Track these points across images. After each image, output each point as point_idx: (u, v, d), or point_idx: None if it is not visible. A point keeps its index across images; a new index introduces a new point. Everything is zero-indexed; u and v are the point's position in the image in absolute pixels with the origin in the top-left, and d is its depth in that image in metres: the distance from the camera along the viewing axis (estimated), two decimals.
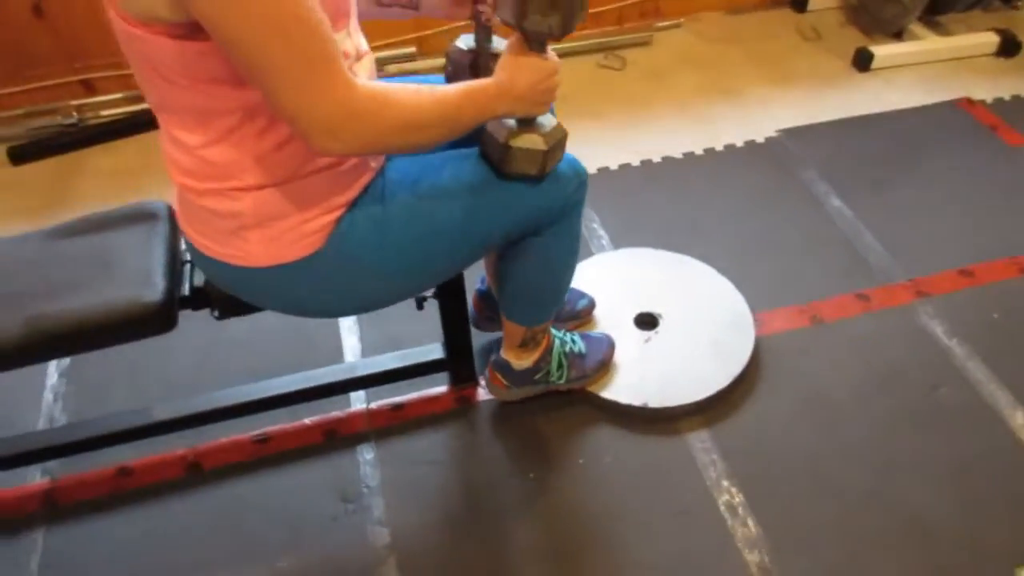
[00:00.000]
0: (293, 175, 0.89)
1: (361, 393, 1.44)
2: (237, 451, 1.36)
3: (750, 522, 1.24)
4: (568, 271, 1.18)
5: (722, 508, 1.26)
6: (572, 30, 0.91)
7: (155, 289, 1.03)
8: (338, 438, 1.38)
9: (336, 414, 1.42)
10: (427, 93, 0.85)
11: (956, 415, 1.37)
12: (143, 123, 2.07)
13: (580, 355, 1.37)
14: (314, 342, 1.54)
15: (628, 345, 1.45)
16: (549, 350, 1.32)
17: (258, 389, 1.36)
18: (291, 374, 1.38)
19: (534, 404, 1.40)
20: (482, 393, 1.43)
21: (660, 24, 2.38)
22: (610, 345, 1.41)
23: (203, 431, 1.35)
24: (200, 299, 1.10)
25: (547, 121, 0.99)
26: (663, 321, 1.50)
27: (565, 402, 1.40)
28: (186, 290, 1.10)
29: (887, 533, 1.22)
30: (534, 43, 0.92)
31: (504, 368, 1.32)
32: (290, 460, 1.35)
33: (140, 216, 1.14)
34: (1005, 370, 1.43)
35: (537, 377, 1.34)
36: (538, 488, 1.30)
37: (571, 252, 1.16)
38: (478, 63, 1.08)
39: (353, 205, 0.94)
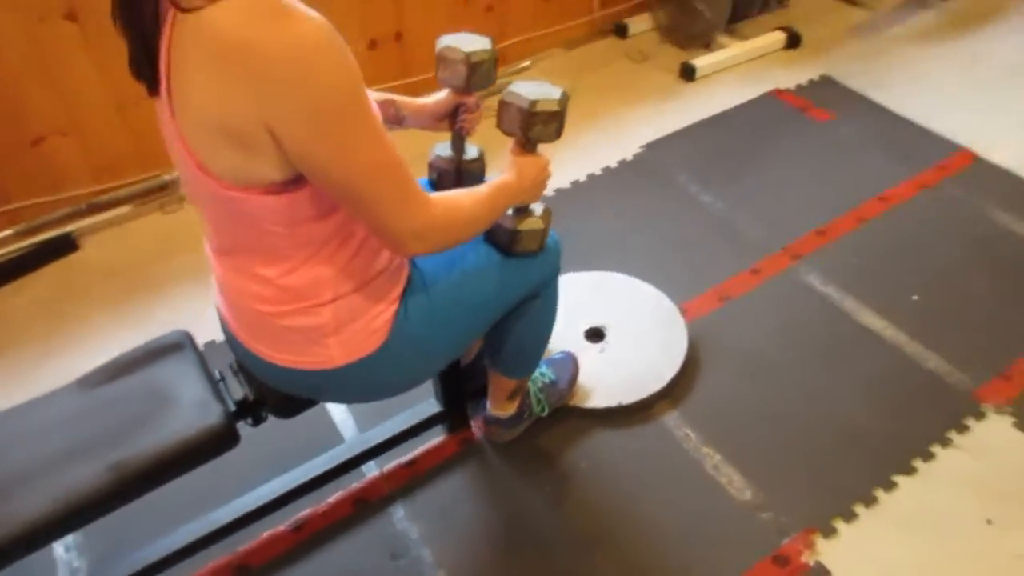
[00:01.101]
0: (360, 283, 1.04)
1: (371, 460, 1.57)
2: (278, 544, 1.45)
3: (732, 472, 1.51)
4: (553, 323, 1.40)
5: (709, 469, 1.52)
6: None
7: (216, 411, 1.13)
8: (367, 505, 1.50)
9: (356, 485, 1.53)
10: (473, 195, 1.04)
11: (849, 342, 1.73)
12: (47, 253, 2.06)
13: (552, 383, 1.58)
14: (310, 427, 1.63)
15: (586, 358, 1.68)
16: (527, 393, 1.53)
17: (280, 484, 1.45)
18: (302, 463, 1.48)
19: (529, 430, 1.59)
20: (479, 430, 1.61)
21: (511, 69, 2.65)
22: (573, 361, 1.64)
23: (236, 536, 1.43)
24: (250, 409, 1.20)
25: (537, 206, 1.20)
26: (609, 331, 1.74)
27: (554, 421, 1.61)
28: (231, 405, 1.19)
29: (830, 442, 1.54)
30: (530, 145, 1.13)
31: (496, 421, 1.52)
32: (331, 537, 1.46)
33: (167, 349, 1.22)
34: (871, 299, 1.81)
35: (524, 416, 1.54)
36: (557, 497, 1.49)
37: (555, 308, 1.37)
38: (460, 169, 1.27)
39: (404, 297, 1.10)
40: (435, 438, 1.60)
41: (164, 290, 1.99)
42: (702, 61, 2.58)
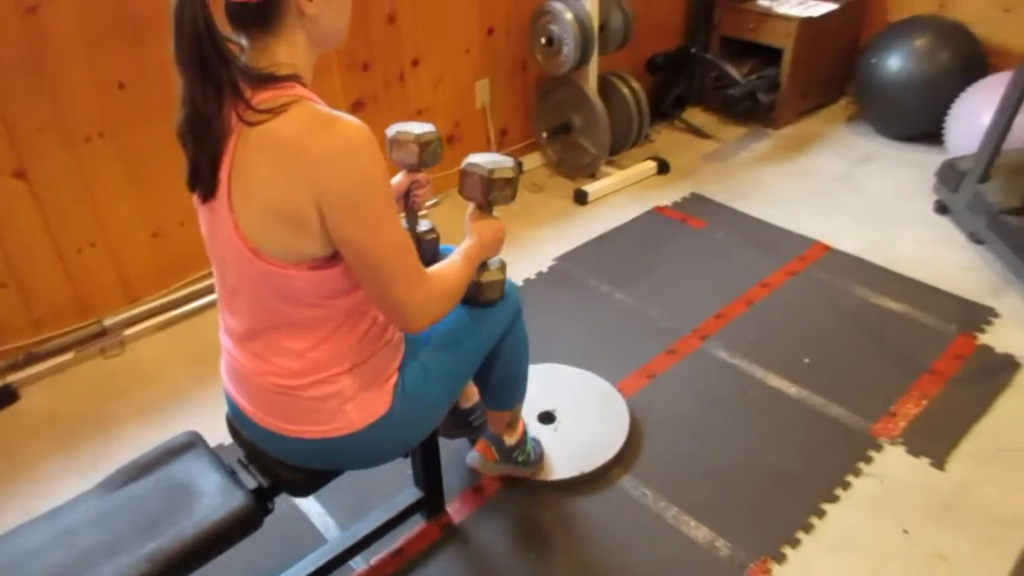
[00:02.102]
0: (371, 353, 1.20)
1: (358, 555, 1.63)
2: None
3: (690, 519, 1.69)
4: (528, 354, 1.58)
5: (669, 520, 1.69)
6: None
7: (239, 495, 1.21)
8: None
9: None
10: (452, 266, 1.23)
11: (762, 401, 2.00)
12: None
13: (536, 441, 1.77)
14: (290, 530, 1.68)
15: (544, 437, 1.85)
16: (525, 432, 1.70)
17: None
18: (288, 567, 1.52)
19: (503, 508, 1.72)
20: (455, 515, 1.71)
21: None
22: (537, 442, 1.81)
23: None
24: (265, 497, 1.28)
25: (494, 260, 1.40)
26: (559, 413, 1.93)
27: (525, 496, 1.74)
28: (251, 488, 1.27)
29: (765, 483, 1.76)
30: (488, 208, 1.36)
31: (497, 442, 1.67)
32: None
33: (179, 448, 1.29)
34: (772, 365, 2.11)
35: (515, 455, 1.69)
36: (540, 563, 1.61)
37: (526, 340, 1.56)
38: (418, 241, 1.47)
39: (402, 364, 1.26)
40: (412, 526, 1.69)
41: (115, 430, 2.00)
42: (591, 188, 2.97)
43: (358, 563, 1.62)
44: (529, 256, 2.66)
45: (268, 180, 1.01)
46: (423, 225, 1.50)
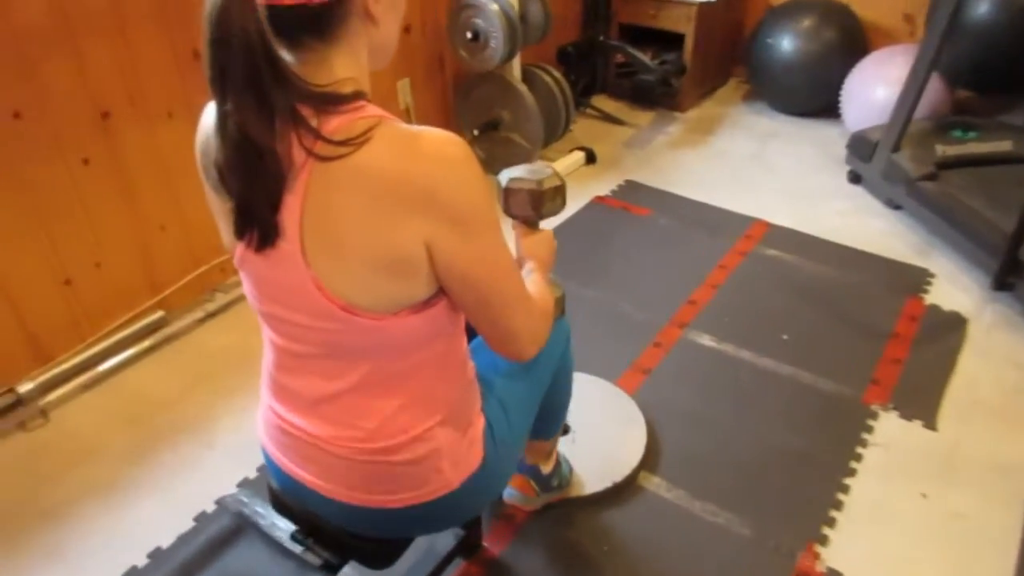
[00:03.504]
0: (459, 397, 1.06)
1: None
2: None
3: (728, 514, 1.66)
4: (572, 380, 1.48)
5: (708, 518, 1.66)
6: None
7: None
8: None
9: None
10: (536, 285, 1.11)
11: (757, 383, 2.02)
12: None
13: (564, 460, 1.67)
14: None
15: (564, 450, 1.76)
16: (557, 455, 1.61)
17: None
18: None
19: (539, 533, 1.62)
20: (492, 548, 1.59)
21: None
22: (564, 457, 1.72)
23: None
24: (335, 569, 1.11)
25: (550, 276, 1.29)
26: (572, 422, 1.84)
27: (560, 516, 1.65)
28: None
29: (786, 466, 1.77)
30: (535, 224, 1.25)
31: (535, 474, 1.56)
32: None
33: (226, 535, 1.09)
34: (755, 346, 2.14)
35: (553, 482, 1.60)
36: None
37: (572, 365, 1.45)
38: None
39: (483, 406, 1.13)
40: (455, 567, 1.56)
41: (65, 515, 1.71)
42: None
43: None
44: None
45: (366, 225, 0.85)
46: None
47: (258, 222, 0.88)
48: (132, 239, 2.13)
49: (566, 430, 1.83)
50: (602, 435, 1.82)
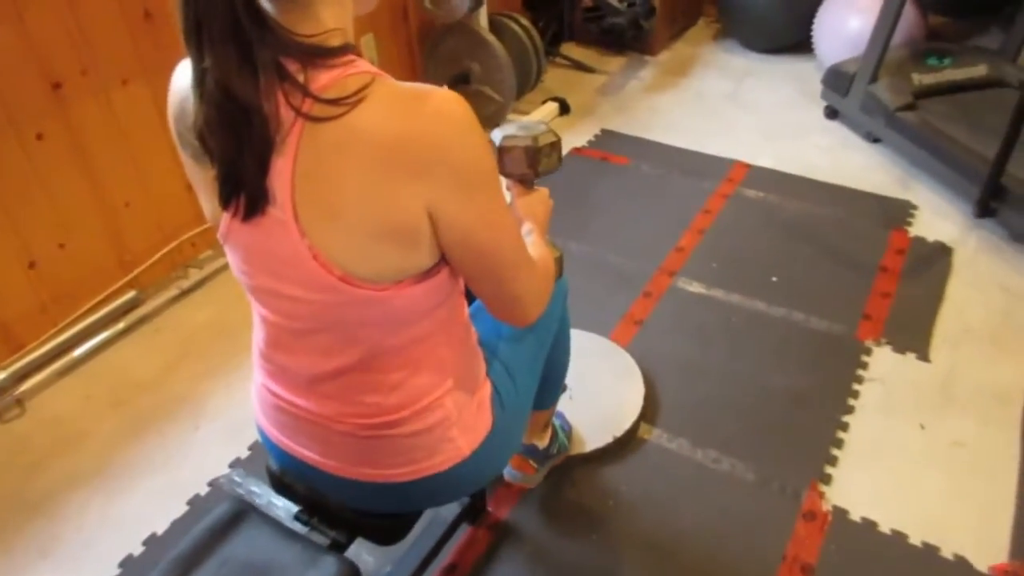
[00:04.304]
0: (468, 361, 1.02)
1: None
2: None
3: (731, 460, 1.66)
4: (570, 345, 1.44)
5: (711, 465, 1.65)
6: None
7: (331, 560, 1.00)
8: None
9: None
10: (535, 246, 1.05)
11: (749, 326, 2.00)
12: None
13: (562, 426, 1.64)
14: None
15: (562, 407, 1.73)
16: (552, 424, 1.57)
17: None
18: None
19: (545, 494, 1.60)
20: (499, 513, 1.57)
21: None
22: (562, 414, 1.69)
23: None
24: (343, 548, 1.08)
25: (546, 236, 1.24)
26: (568, 379, 1.81)
27: (563, 476, 1.63)
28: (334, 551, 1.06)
29: (782, 407, 1.77)
30: (530, 182, 1.19)
31: (532, 452, 1.53)
32: None
33: (228, 521, 1.05)
34: (745, 289, 2.12)
35: (552, 451, 1.57)
36: (605, 538, 1.52)
37: (569, 329, 1.42)
38: None
39: (488, 370, 1.09)
40: (461, 534, 1.53)
41: (53, 507, 1.65)
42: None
43: None
44: None
45: (364, 191, 0.79)
46: None
47: (245, 188, 0.81)
48: (96, 217, 2.03)
49: (564, 387, 1.80)
50: (599, 390, 1.79)
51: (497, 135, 1.17)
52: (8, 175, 1.81)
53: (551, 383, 1.41)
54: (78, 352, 2.01)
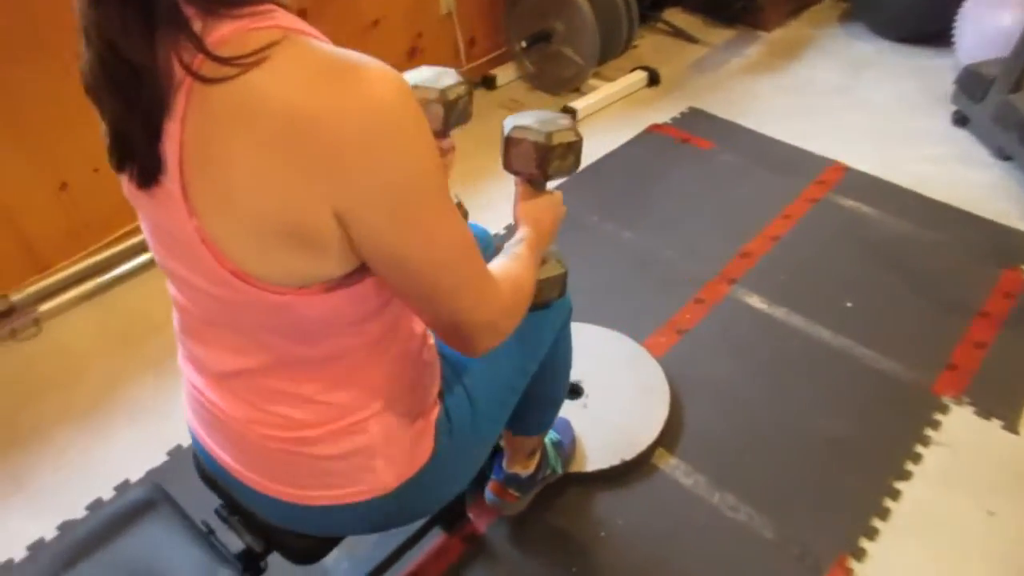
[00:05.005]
0: (407, 384, 0.86)
1: None
2: None
3: (750, 510, 1.45)
4: (571, 366, 1.27)
5: (727, 512, 1.45)
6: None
7: (226, 573, 0.89)
8: None
9: None
10: (517, 261, 0.88)
11: (805, 356, 1.76)
12: None
13: (559, 442, 1.46)
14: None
15: (572, 415, 1.56)
16: (544, 448, 1.39)
17: None
18: None
19: (533, 509, 1.44)
20: (478, 523, 1.43)
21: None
22: (567, 424, 1.52)
23: None
24: (255, 561, 0.96)
25: (552, 248, 1.07)
26: (585, 384, 1.64)
27: (556, 493, 1.47)
28: (235, 563, 0.95)
29: (824, 457, 1.54)
30: (540, 184, 1.01)
31: (514, 481, 1.36)
32: None
33: (139, 508, 0.95)
34: (811, 311, 1.86)
35: (539, 477, 1.40)
36: (586, 572, 1.35)
37: (571, 349, 1.24)
38: None
39: (443, 389, 0.93)
40: (430, 542, 1.40)
41: (39, 442, 1.62)
42: (580, 104, 2.60)
43: None
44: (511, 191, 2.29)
45: (259, 177, 0.63)
46: None
47: (136, 154, 0.68)
48: None
49: (578, 392, 1.63)
50: (618, 402, 1.61)
51: (509, 123, 1.00)
52: (45, 95, 1.76)
53: (539, 411, 1.24)
54: (101, 280, 1.98)
